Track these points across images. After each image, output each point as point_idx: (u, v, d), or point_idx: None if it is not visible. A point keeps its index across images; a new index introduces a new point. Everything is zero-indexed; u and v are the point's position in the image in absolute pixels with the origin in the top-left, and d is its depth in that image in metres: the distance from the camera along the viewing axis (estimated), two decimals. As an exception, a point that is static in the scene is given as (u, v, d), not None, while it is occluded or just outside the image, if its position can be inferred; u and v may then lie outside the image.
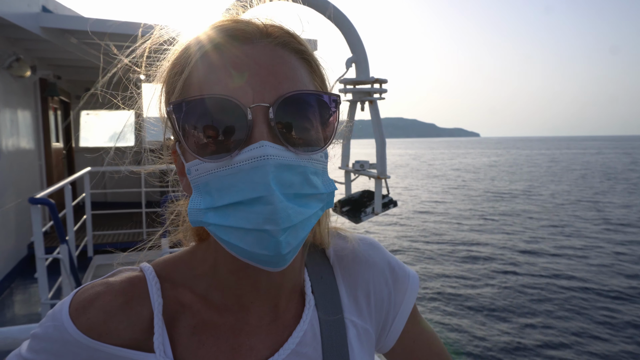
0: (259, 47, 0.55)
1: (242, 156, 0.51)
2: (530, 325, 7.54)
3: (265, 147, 0.50)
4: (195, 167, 0.54)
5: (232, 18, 0.59)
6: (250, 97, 0.52)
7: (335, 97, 0.59)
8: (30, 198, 3.78)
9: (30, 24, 5.21)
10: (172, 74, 0.59)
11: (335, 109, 0.59)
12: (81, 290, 0.62)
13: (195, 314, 0.63)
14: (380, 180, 2.92)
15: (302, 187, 0.54)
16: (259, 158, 0.50)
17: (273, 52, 0.56)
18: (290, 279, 0.67)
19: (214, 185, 0.53)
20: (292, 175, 0.53)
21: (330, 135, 0.58)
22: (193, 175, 0.55)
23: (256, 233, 0.51)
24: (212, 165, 0.52)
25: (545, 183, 29.79)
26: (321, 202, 0.57)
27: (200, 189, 0.55)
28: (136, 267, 0.67)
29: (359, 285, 0.73)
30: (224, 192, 0.52)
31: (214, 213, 0.53)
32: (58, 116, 8.44)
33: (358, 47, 3.06)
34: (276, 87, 0.53)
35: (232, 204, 0.51)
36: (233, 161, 0.51)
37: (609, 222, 16.40)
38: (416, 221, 17.34)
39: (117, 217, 7.45)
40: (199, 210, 0.54)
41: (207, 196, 0.54)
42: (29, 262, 5.98)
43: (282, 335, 0.65)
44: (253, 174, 0.50)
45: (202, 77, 0.54)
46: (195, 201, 0.54)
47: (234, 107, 0.51)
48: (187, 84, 0.56)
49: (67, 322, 0.58)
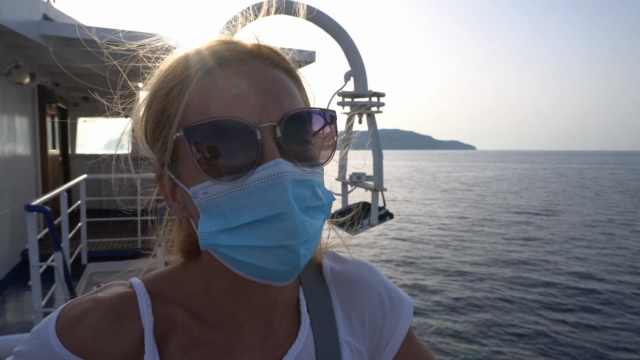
0: (254, 67, 0.57)
1: (258, 175, 0.51)
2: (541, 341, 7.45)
3: (280, 164, 0.52)
4: (203, 189, 0.54)
5: (222, 39, 0.60)
6: (256, 117, 0.53)
7: (331, 112, 0.62)
8: (26, 205, 3.77)
9: (31, 32, 5.24)
10: (168, 98, 0.58)
11: (333, 124, 0.61)
12: (68, 306, 0.60)
13: (187, 332, 0.62)
14: (377, 192, 2.95)
15: (311, 200, 0.56)
16: (277, 175, 0.51)
17: (268, 71, 0.57)
18: (285, 295, 0.67)
19: (227, 206, 0.53)
20: (304, 190, 0.54)
21: (330, 149, 0.61)
22: (201, 199, 0.54)
23: (276, 250, 0.52)
24: (224, 187, 0.52)
25: (564, 200, 28.13)
26: (324, 213, 0.59)
27: (209, 212, 0.54)
28: (126, 282, 0.66)
29: (354, 307, 0.74)
30: (240, 212, 0.52)
31: (228, 235, 0.53)
32: (55, 123, 8.43)
33: (356, 60, 3.10)
34: (279, 105, 0.55)
35: (249, 224, 0.52)
36: (248, 181, 0.52)
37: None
38: (432, 237, 16.15)
39: (112, 224, 7.41)
40: (210, 234, 0.53)
41: (220, 218, 0.53)
42: (23, 269, 5.93)
43: (276, 353, 0.65)
44: (271, 192, 0.51)
45: (203, 100, 0.55)
46: (205, 224, 0.54)
47: (243, 128, 0.52)
48: (188, 107, 0.56)
49: (53, 340, 0.56)
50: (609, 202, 27.28)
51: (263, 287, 0.60)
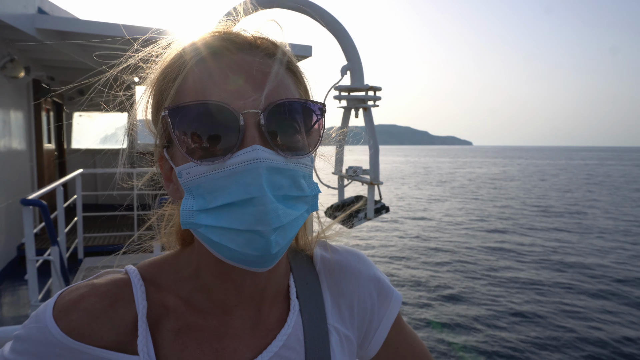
0: (248, 57, 0.58)
1: (235, 159, 0.53)
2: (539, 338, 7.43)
3: (257, 150, 0.53)
4: (187, 170, 0.56)
5: (223, 30, 0.62)
6: (242, 103, 0.55)
7: (320, 105, 0.62)
8: (22, 199, 3.76)
9: (26, 25, 5.20)
10: (165, 81, 0.61)
11: (321, 116, 0.62)
12: (65, 292, 0.62)
13: (179, 317, 0.64)
14: (373, 186, 2.96)
15: (290, 189, 0.57)
16: (252, 161, 0.53)
17: (262, 62, 0.59)
18: (275, 283, 0.69)
19: (206, 187, 0.55)
20: (282, 178, 0.56)
21: (316, 141, 0.62)
22: (184, 179, 0.56)
23: (248, 234, 0.53)
24: (205, 168, 0.54)
25: (583, 199, 26.22)
26: (307, 205, 0.60)
27: (192, 191, 0.56)
28: (121, 270, 0.68)
29: (344, 295, 0.76)
30: (217, 194, 0.54)
31: (206, 215, 0.55)
32: (50, 117, 8.39)
33: (353, 54, 3.11)
34: (266, 94, 0.56)
35: (224, 206, 0.53)
36: (226, 164, 0.53)
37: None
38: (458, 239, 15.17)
39: (108, 219, 7.40)
40: (191, 212, 0.55)
41: (200, 198, 0.55)
42: (19, 263, 5.92)
43: (265, 338, 0.67)
44: (246, 176, 0.53)
45: (196, 84, 0.57)
46: (187, 203, 0.56)
47: (227, 113, 0.54)
48: (180, 90, 0.58)
49: (50, 324, 0.58)
50: (629, 198, 26.14)
51: (250, 273, 0.62)
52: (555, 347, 7.10)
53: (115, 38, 0.68)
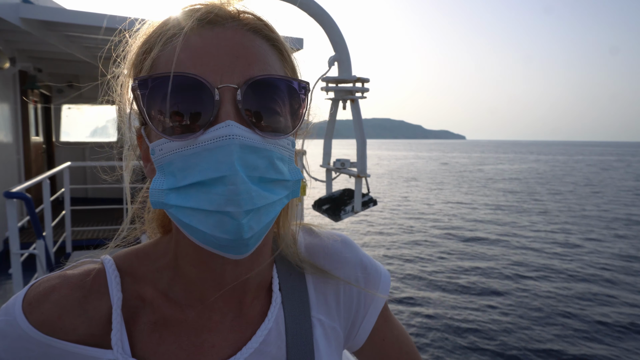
0: (229, 30, 0.55)
1: (207, 135, 0.50)
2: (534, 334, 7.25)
3: (231, 126, 0.50)
4: (159, 146, 0.53)
5: (205, 2, 0.58)
6: (218, 78, 0.51)
7: (304, 84, 0.58)
8: (5, 192, 3.70)
9: (10, 14, 5.09)
10: (140, 53, 0.58)
11: (304, 96, 0.58)
12: (36, 283, 0.60)
13: (155, 310, 0.61)
14: (360, 178, 2.94)
15: (267, 171, 0.53)
16: (225, 137, 0.49)
17: (244, 36, 0.55)
18: (258, 274, 0.65)
19: (177, 165, 0.51)
20: (258, 159, 0.52)
21: (297, 122, 0.58)
22: (157, 156, 0.53)
23: (217, 215, 0.50)
24: (176, 145, 0.51)
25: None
26: (287, 190, 0.56)
27: (163, 169, 0.53)
28: (98, 260, 0.65)
29: (329, 283, 0.72)
30: (187, 172, 0.51)
31: (176, 194, 0.51)
32: (38, 110, 8.27)
33: (340, 45, 3.06)
34: (245, 69, 0.53)
35: (194, 184, 0.50)
36: (198, 140, 0.50)
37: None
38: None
39: (98, 213, 7.33)
40: (160, 191, 0.52)
41: (170, 176, 0.52)
42: (4, 258, 5.85)
43: (245, 333, 0.64)
44: (217, 153, 0.49)
45: (171, 56, 0.53)
46: (157, 181, 0.53)
47: (202, 87, 0.50)
48: (156, 63, 0.55)
49: (19, 317, 0.56)
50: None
51: (231, 262, 0.59)
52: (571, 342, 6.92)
53: (101, 28, 0.64)
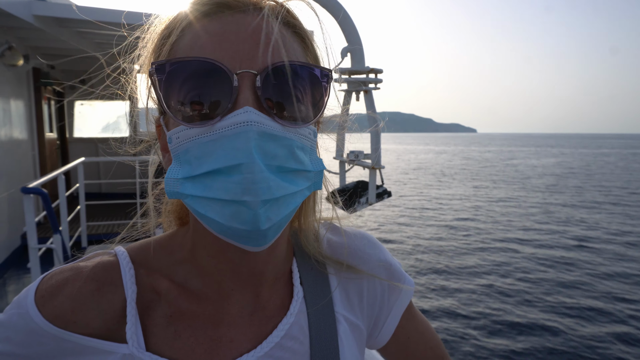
0: (251, 15, 0.53)
1: (225, 122, 0.48)
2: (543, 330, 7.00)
3: (249, 112, 0.48)
4: (176, 134, 0.52)
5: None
6: (237, 63, 0.50)
7: (326, 71, 0.56)
8: (22, 188, 3.75)
9: (23, 12, 5.14)
10: (159, 40, 0.57)
11: (327, 84, 0.56)
12: (48, 275, 0.58)
13: (171, 303, 0.60)
14: (374, 170, 2.92)
15: (287, 160, 0.51)
16: (242, 124, 0.48)
17: (265, 22, 0.53)
18: (274, 266, 0.64)
19: (193, 152, 0.50)
20: (277, 147, 0.50)
21: (319, 111, 0.56)
22: (174, 144, 0.52)
23: (234, 205, 0.48)
24: (193, 132, 0.50)
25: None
26: (308, 181, 0.55)
27: (180, 157, 0.52)
28: (111, 252, 0.64)
29: (352, 281, 0.71)
30: (203, 160, 0.49)
31: (192, 183, 0.50)
32: (51, 106, 8.37)
33: (353, 36, 3.04)
34: (265, 55, 0.51)
35: (210, 173, 0.49)
36: (215, 127, 0.49)
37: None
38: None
39: (112, 207, 7.42)
40: (176, 180, 0.51)
41: (186, 165, 0.51)
42: (23, 252, 5.96)
43: (265, 327, 0.62)
44: (234, 140, 0.48)
45: (190, 42, 0.52)
46: (173, 170, 0.51)
47: (220, 72, 0.49)
48: (175, 48, 0.54)
49: (32, 310, 0.55)
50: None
51: (248, 254, 0.57)
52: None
53: (113, 24, 0.64)
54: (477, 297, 8.28)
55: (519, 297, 8.27)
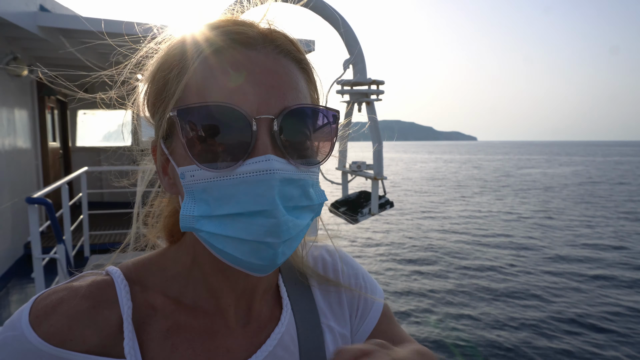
0: (262, 54, 0.54)
1: (247, 167, 0.50)
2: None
3: (271, 161, 0.50)
4: (191, 172, 0.53)
5: (233, 19, 0.57)
6: (255, 107, 0.51)
7: (334, 112, 0.60)
8: (27, 198, 3.77)
9: (29, 23, 5.20)
10: (170, 73, 0.57)
11: (334, 123, 0.59)
12: (41, 296, 0.58)
13: (167, 317, 0.61)
14: (377, 181, 2.94)
15: (300, 199, 0.55)
16: (265, 172, 0.50)
17: (276, 60, 0.55)
18: (266, 280, 0.67)
19: (212, 193, 0.52)
20: (293, 189, 0.53)
21: (327, 149, 0.59)
22: (187, 181, 0.54)
23: (255, 244, 0.51)
24: (212, 174, 0.51)
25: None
26: (313, 212, 0.58)
27: (194, 195, 0.53)
28: (102, 271, 0.64)
29: (333, 292, 0.75)
30: (224, 202, 0.51)
31: (209, 221, 0.52)
32: (55, 115, 8.41)
33: (355, 48, 3.07)
34: (281, 98, 0.53)
35: (231, 215, 0.51)
36: (236, 172, 0.51)
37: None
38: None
39: (114, 216, 7.43)
40: (192, 217, 0.52)
41: (203, 204, 0.53)
42: (26, 262, 5.96)
43: (258, 337, 0.65)
44: (257, 187, 0.50)
45: (204, 82, 0.53)
46: (188, 207, 0.53)
47: (239, 117, 0.51)
48: (187, 87, 0.54)
49: (27, 331, 0.54)
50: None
51: (247, 274, 0.60)
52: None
53: (117, 35, 0.65)
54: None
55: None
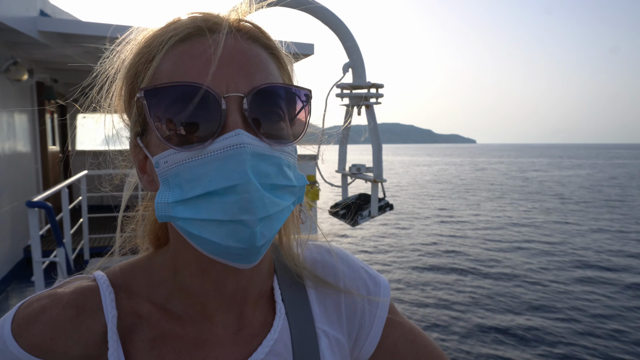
0: (230, 38, 0.54)
1: (217, 145, 0.50)
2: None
3: (241, 135, 0.50)
4: (164, 158, 0.52)
5: (204, 11, 0.58)
6: (224, 87, 0.51)
7: (306, 91, 0.59)
8: (27, 202, 3.78)
9: (28, 28, 5.22)
10: (140, 62, 0.57)
11: (307, 103, 0.59)
12: (25, 303, 0.57)
13: (154, 326, 0.59)
14: (376, 183, 2.96)
15: (277, 178, 0.53)
16: (235, 146, 0.49)
17: (245, 44, 0.55)
18: (257, 283, 0.64)
19: (184, 176, 0.51)
20: (268, 166, 0.52)
21: (301, 129, 0.58)
22: (162, 168, 0.53)
23: (231, 225, 0.49)
24: (183, 156, 0.51)
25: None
26: (294, 196, 0.57)
27: (169, 182, 0.52)
28: (90, 276, 0.63)
29: (329, 296, 0.72)
30: (196, 183, 0.50)
31: (184, 206, 0.51)
32: (55, 119, 8.43)
33: (355, 52, 3.10)
34: (250, 78, 0.53)
35: (204, 195, 0.50)
36: (206, 150, 0.50)
37: None
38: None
39: (113, 220, 7.43)
40: (167, 204, 0.51)
41: (177, 189, 0.51)
42: (25, 265, 5.96)
43: (249, 345, 0.62)
44: (228, 162, 0.49)
45: (174, 66, 0.53)
46: (163, 195, 0.52)
47: (208, 96, 0.50)
48: (158, 72, 0.54)
49: (9, 340, 0.53)
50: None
51: (232, 272, 0.59)
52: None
53: (115, 38, 0.66)
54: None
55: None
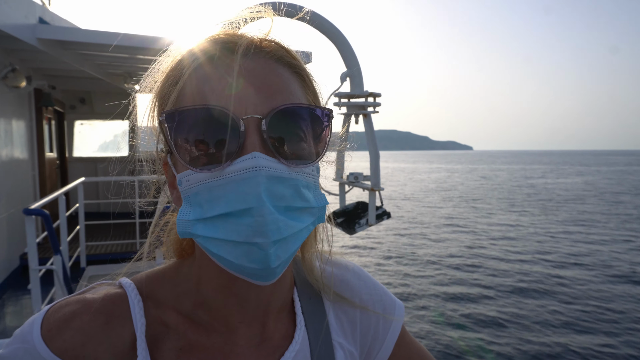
0: (252, 59, 0.55)
1: (234, 167, 0.51)
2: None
3: (257, 158, 0.50)
4: (186, 177, 0.54)
5: (226, 31, 0.59)
6: (243, 108, 0.52)
7: (327, 111, 0.59)
8: (24, 209, 3.77)
9: (28, 35, 5.24)
10: (166, 85, 0.59)
11: (328, 123, 0.59)
12: (54, 308, 0.57)
13: (180, 336, 0.60)
14: (374, 192, 2.97)
15: (293, 200, 0.53)
16: (251, 169, 0.50)
17: (266, 64, 0.56)
18: (279, 297, 0.65)
19: (204, 196, 0.52)
20: (284, 188, 0.52)
21: (322, 149, 0.58)
22: (184, 186, 0.54)
23: (245, 246, 0.50)
24: (203, 176, 0.52)
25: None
26: (313, 217, 0.57)
27: (190, 200, 0.54)
28: (115, 282, 0.64)
29: (345, 310, 0.74)
30: (214, 203, 0.51)
31: (204, 225, 0.52)
32: (52, 126, 8.42)
33: (352, 61, 3.12)
34: (269, 99, 0.53)
35: (221, 216, 0.51)
36: (224, 172, 0.51)
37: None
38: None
39: (110, 227, 7.41)
40: (187, 222, 0.53)
41: (197, 207, 0.53)
42: (22, 273, 5.93)
43: (272, 356, 0.64)
44: (243, 185, 0.50)
45: (196, 88, 0.54)
46: (184, 212, 0.54)
47: (227, 118, 0.51)
48: (181, 94, 0.56)
49: (39, 345, 0.53)
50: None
51: (254, 287, 0.59)
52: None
53: (116, 47, 0.67)
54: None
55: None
